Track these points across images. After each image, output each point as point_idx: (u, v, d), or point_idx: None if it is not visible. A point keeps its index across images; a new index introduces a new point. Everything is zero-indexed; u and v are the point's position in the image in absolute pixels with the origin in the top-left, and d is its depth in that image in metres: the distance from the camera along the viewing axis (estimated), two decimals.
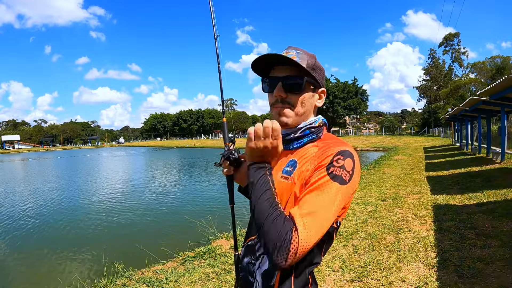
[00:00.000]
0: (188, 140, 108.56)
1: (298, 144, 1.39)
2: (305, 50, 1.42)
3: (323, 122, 1.46)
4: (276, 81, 1.37)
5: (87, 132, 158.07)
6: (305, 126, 1.39)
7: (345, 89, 71.04)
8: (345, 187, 1.18)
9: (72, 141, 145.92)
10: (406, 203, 8.31)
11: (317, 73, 1.39)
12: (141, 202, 13.87)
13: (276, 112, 1.39)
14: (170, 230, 9.62)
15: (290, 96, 1.35)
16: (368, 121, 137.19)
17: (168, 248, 6.42)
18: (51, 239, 9.37)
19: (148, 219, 11.02)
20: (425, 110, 73.87)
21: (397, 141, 44.03)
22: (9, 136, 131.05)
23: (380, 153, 31.00)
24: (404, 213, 7.34)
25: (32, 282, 6.62)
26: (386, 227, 6.36)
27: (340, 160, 1.20)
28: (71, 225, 10.71)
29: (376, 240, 5.65)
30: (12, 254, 8.38)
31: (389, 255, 4.97)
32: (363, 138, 56.48)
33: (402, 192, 9.72)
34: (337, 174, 1.17)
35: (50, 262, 7.72)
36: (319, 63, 1.43)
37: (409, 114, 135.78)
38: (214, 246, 6.04)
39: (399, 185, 11.12)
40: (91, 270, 6.97)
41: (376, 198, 9.04)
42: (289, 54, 1.34)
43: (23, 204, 14.48)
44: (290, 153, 1.40)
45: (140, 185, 19.12)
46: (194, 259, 5.56)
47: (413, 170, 14.92)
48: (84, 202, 14.51)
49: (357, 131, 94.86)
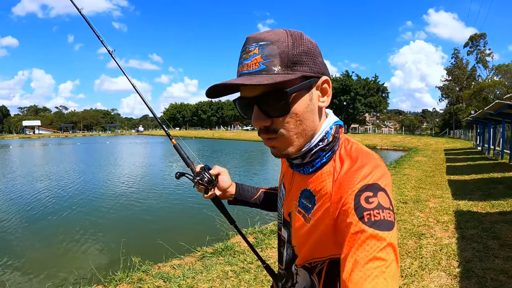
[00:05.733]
0: (207, 131, 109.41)
1: (310, 169, 1.04)
2: (278, 29, 0.94)
3: (337, 129, 1.05)
4: (249, 104, 0.96)
5: (107, 119, 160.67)
6: (315, 147, 1.01)
7: (366, 86, 70.60)
8: (395, 230, 0.83)
9: (92, 128, 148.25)
10: (428, 207, 8.18)
11: (303, 63, 0.91)
12: (159, 192, 13.86)
13: (267, 145, 1.01)
14: (188, 223, 9.55)
15: (275, 121, 0.94)
16: (388, 119, 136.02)
17: (185, 242, 6.35)
18: (68, 225, 9.46)
19: (166, 210, 10.96)
20: (446, 111, 72.84)
21: (417, 142, 43.30)
22: (30, 121, 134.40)
23: (400, 153, 30.64)
24: (425, 218, 7.22)
25: (47, 269, 6.66)
26: (408, 232, 6.26)
27: (370, 199, 0.84)
28: (89, 211, 10.82)
29: (398, 245, 5.54)
30: (28, 237, 8.60)
31: (411, 262, 4.88)
32: (383, 137, 55.70)
33: (423, 195, 9.56)
34: (377, 219, 0.81)
35: (66, 248, 7.82)
36: (303, 41, 0.93)
37: (429, 114, 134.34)
38: (232, 242, 5.98)
39: (420, 187, 10.95)
40: (107, 261, 6.97)
41: (397, 200, 8.89)
42: (251, 53, 0.91)
43: (42, 188, 14.74)
44: (305, 179, 1.07)
45: (158, 175, 19.16)
46: (212, 255, 5.49)
47: (434, 173, 14.67)
48: (103, 189, 14.60)
49: (376, 129, 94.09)
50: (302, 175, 1.08)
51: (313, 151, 1.00)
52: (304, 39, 0.94)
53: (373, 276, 0.75)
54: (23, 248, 7.87)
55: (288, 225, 1.14)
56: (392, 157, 26.98)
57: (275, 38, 0.90)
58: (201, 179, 1.42)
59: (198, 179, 1.42)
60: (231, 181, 1.52)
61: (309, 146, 1.00)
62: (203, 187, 1.42)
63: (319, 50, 0.99)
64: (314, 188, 1.01)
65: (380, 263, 0.76)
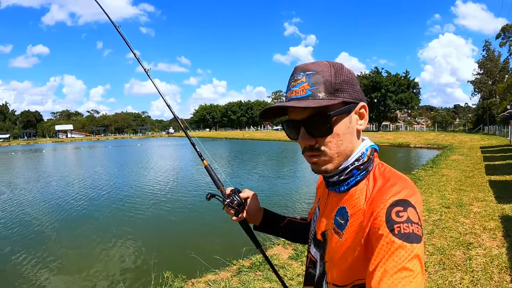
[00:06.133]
0: (237, 132, 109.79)
1: (345, 187, 1.11)
2: (322, 61, 1.07)
3: (372, 151, 1.13)
4: (297, 126, 1.08)
5: (137, 122, 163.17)
6: (351, 166, 1.09)
7: (396, 82, 69.52)
8: (422, 244, 0.89)
9: (123, 131, 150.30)
10: (472, 212, 7.82)
11: (344, 91, 1.04)
12: (190, 198, 13.71)
13: (309, 161, 1.11)
14: (221, 232, 9.26)
15: (319, 140, 1.05)
16: (419, 116, 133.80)
17: (220, 254, 6.18)
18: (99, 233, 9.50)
19: (197, 220, 10.73)
20: (479, 106, 71.03)
21: (451, 139, 42.11)
22: (62, 125, 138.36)
23: (434, 151, 29.99)
24: (471, 224, 6.88)
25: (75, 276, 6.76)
26: (454, 241, 5.94)
27: (401, 213, 0.91)
28: (120, 220, 10.77)
29: (445, 257, 5.26)
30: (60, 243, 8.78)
31: (462, 276, 4.60)
32: (416, 134, 54.49)
33: (465, 199, 9.17)
34: (406, 232, 0.88)
35: (96, 255, 7.88)
36: (342, 71, 1.05)
37: (462, 110, 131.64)
38: (270, 254, 5.77)
39: (460, 189, 10.53)
40: (138, 274, 6.88)
41: (439, 205, 8.53)
42: (299, 81, 1.04)
43: (75, 193, 14.93)
44: (339, 197, 1.14)
45: (189, 182, 18.76)
46: (250, 269, 5.27)
47: (473, 173, 14.14)
48: (134, 196, 14.49)
49: (408, 126, 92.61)
50: (337, 194, 1.15)
51: (349, 169, 1.09)
52: (344, 69, 1.06)
53: (401, 285, 0.81)
54: (56, 254, 8.00)
55: (320, 245, 1.19)
56: (427, 156, 26.44)
57: (320, 69, 1.04)
58: (231, 202, 1.45)
59: (228, 201, 1.45)
60: (259, 206, 1.56)
61: (346, 165, 1.09)
62: (233, 210, 1.46)
63: (357, 79, 1.10)
64: (348, 205, 1.08)
65: (408, 273, 0.83)
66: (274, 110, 1.09)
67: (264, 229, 1.59)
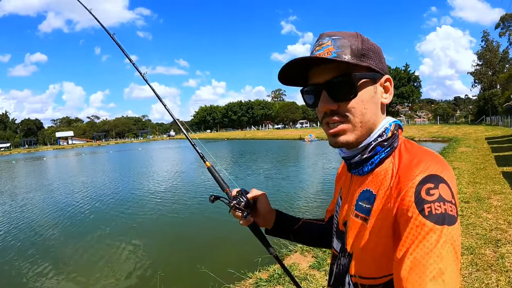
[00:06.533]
0: (238, 132, 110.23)
1: (369, 166, 1.01)
2: (344, 31, 1.01)
3: (396, 127, 1.04)
4: (318, 90, 1.00)
5: (138, 126, 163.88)
6: (374, 142, 1.00)
7: (396, 76, 69.49)
8: (457, 226, 0.79)
9: (124, 135, 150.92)
10: (492, 206, 7.47)
11: (370, 58, 0.98)
12: (198, 205, 12.92)
13: (328, 132, 1.01)
14: (233, 240, 8.57)
15: (342, 105, 0.97)
16: (420, 109, 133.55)
17: (233, 265, 5.79)
18: (103, 238, 9.34)
19: (205, 229, 9.89)
20: (480, 97, 70.78)
21: (455, 131, 41.93)
22: (63, 132, 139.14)
23: (440, 144, 29.81)
24: (494, 219, 6.53)
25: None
26: (481, 238, 5.60)
27: (431, 190, 0.80)
28: (122, 232, 10.15)
29: (476, 256, 4.92)
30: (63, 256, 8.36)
31: (497, 278, 4.26)
32: (419, 128, 54.40)
33: (482, 192, 8.82)
34: (438, 213, 0.78)
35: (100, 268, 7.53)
36: (369, 42, 1.01)
37: (462, 102, 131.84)
38: (289, 263, 5.33)
39: (475, 182, 10.19)
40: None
41: (458, 199, 8.15)
42: (324, 45, 0.97)
43: (77, 201, 14.60)
44: (362, 180, 1.04)
45: (195, 184, 18.18)
46: (268, 283, 4.77)
47: (484, 165, 13.79)
48: (136, 205, 13.62)
49: (409, 120, 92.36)
50: (360, 176, 1.05)
51: (372, 145, 1.00)
52: (371, 41, 1.02)
53: (431, 276, 0.73)
54: (60, 265, 7.76)
55: (343, 235, 1.09)
56: (433, 149, 25.04)
57: (347, 34, 0.99)
58: (237, 203, 1.32)
59: (235, 203, 1.32)
60: (270, 206, 1.42)
61: (369, 141, 1.00)
62: (240, 212, 1.32)
63: (382, 53, 1.04)
64: (374, 186, 0.98)
65: (439, 263, 0.74)
66: (292, 69, 1.02)
67: (278, 233, 1.45)
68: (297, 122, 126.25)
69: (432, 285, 0.72)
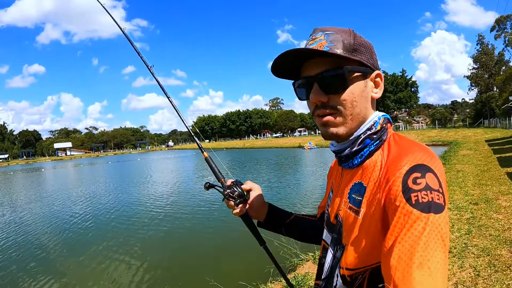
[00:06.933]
0: (237, 141, 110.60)
1: (359, 159, 1.04)
2: (338, 27, 1.04)
3: (385, 120, 1.06)
4: (310, 82, 1.02)
5: (136, 137, 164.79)
6: (363, 135, 1.02)
7: (394, 82, 69.72)
8: (444, 214, 0.80)
9: (123, 146, 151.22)
10: (502, 206, 7.35)
11: (362, 53, 1.01)
12: (202, 214, 12.68)
13: (319, 123, 1.04)
14: (241, 248, 8.30)
15: (333, 97, 0.99)
16: (418, 115, 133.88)
17: (244, 276, 5.63)
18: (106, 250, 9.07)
19: (213, 235, 9.76)
20: (477, 100, 71.06)
21: (454, 135, 42.05)
22: (61, 143, 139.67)
23: (441, 148, 29.71)
24: (506, 220, 6.40)
25: None
26: (495, 239, 5.47)
27: (418, 179, 0.82)
28: (128, 239, 9.98)
29: (493, 258, 4.79)
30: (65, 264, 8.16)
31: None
32: (418, 133, 54.47)
33: (489, 193, 8.71)
34: (425, 201, 0.79)
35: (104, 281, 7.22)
36: (362, 38, 1.04)
37: (459, 105, 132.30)
38: (301, 274, 5.11)
39: (481, 184, 10.09)
40: None
41: (466, 202, 8.05)
42: (317, 39, 1.00)
43: (75, 214, 14.40)
44: (353, 173, 1.06)
45: (196, 192, 17.93)
46: None
47: (488, 166, 13.71)
48: (136, 218, 12.95)
49: (407, 125, 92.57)
50: (351, 170, 1.08)
51: (361, 138, 1.02)
52: (363, 38, 1.04)
53: (418, 263, 0.74)
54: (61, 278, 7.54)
55: (334, 228, 1.11)
56: (435, 153, 26.04)
57: (340, 30, 1.02)
58: (231, 192, 1.36)
59: (229, 191, 1.36)
60: (263, 199, 1.48)
61: (358, 133, 1.02)
62: (233, 201, 1.36)
63: (374, 50, 1.07)
64: (364, 179, 1.00)
65: (426, 250, 0.75)
66: (288, 60, 1.04)
67: (270, 226, 1.50)
68: (295, 130, 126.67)
69: (419, 273, 0.73)
